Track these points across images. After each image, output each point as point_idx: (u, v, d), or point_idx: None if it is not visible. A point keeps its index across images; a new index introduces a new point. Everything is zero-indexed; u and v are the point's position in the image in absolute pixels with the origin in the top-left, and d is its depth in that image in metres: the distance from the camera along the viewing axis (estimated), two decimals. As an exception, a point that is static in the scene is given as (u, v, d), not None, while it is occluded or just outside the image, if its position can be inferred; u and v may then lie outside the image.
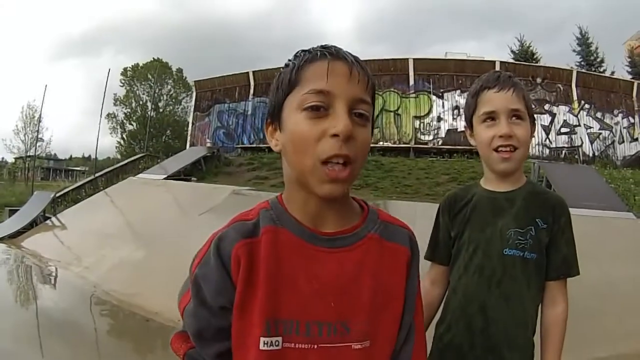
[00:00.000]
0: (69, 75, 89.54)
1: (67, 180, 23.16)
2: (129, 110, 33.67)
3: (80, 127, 74.86)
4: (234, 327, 0.91)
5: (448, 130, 15.27)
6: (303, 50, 0.96)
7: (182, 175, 12.30)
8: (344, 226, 0.96)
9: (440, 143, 15.15)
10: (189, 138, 18.98)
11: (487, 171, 1.59)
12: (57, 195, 11.55)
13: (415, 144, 15.34)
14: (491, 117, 1.50)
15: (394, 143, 15.54)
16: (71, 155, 53.74)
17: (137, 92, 33.94)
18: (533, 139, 1.60)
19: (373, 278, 0.95)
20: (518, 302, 1.47)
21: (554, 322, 1.49)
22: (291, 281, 0.91)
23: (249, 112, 17.51)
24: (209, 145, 17.18)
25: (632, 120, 15.61)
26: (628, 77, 19.95)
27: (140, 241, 6.88)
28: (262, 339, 0.87)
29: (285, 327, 0.89)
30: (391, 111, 15.76)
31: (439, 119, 15.41)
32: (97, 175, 13.59)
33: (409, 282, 1.01)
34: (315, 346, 0.89)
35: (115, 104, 33.09)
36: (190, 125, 19.36)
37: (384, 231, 1.00)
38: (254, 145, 16.53)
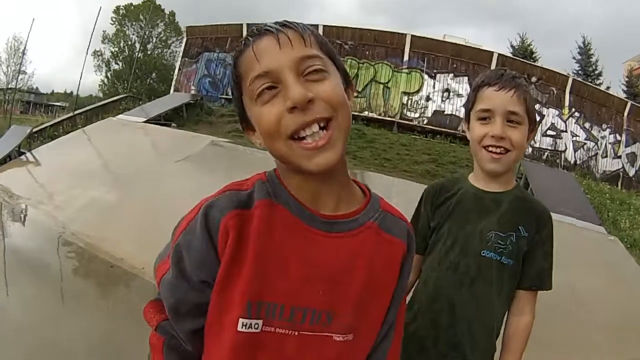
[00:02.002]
0: (59, 9, 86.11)
1: (47, 115, 22.58)
2: (116, 49, 32.61)
3: (66, 62, 73.07)
4: (212, 303, 0.86)
5: (435, 111, 15.21)
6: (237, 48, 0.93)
7: (163, 120, 12.12)
8: (343, 210, 0.92)
9: (425, 122, 15.09)
10: (173, 83, 18.64)
11: (477, 168, 1.56)
12: (34, 130, 11.25)
13: (400, 119, 15.25)
14: (487, 115, 1.46)
15: (380, 115, 15.43)
16: (53, 90, 52.30)
17: (127, 32, 32.86)
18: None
19: (366, 271, 0.91)
20: (487, 306, 1.47)
21: (517, 332, 1.50)
22: (281, 262, 0.86)
23: (238, 64, 17.17)
24: (193, 92, 16.86)
25: (619, 137, 15.77)
26: (622, 96, 20.07)
27: (113, 183, 6.80)
28: (241, 320, 0.83)
29: (268, 311, 0.85)
30: (381, 83, 15.63)
31: (428, 98, 15.32)
32: (76, 112, 13.27)
33: (400, 278, 0.98)
34: (296, 333, 0.86)
35: (103, 42, 32.13)
36: (176, 70, 18.96)
37: (383, 221, 0.96)
38: (239, 98, 16.30)
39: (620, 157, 15.74)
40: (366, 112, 15.39)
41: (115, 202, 6.19)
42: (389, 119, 15.25)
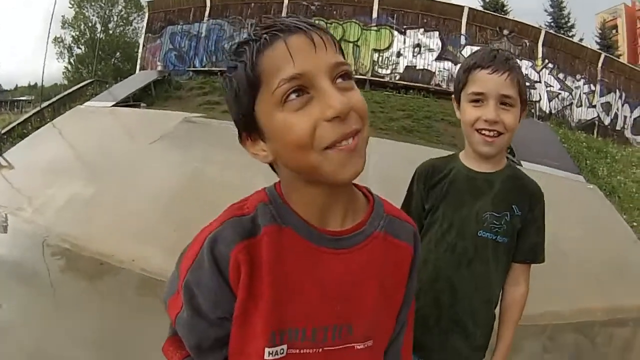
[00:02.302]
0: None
1: (13, 112, 21.73)
2: (77, 33, 31.19)
3: (27, 54, 70.96)
4: (233, 336, 0.85)
5: (407, 66, 15.07)
6: (243, 43, 0.80)
7: (132, 101, 11.84)
8: (350, 222, 0.89)
9: (397, 78, 14.99)
10: (139, 61, 18.15)
11: (468, 148, 1.56)
12: (3, 132, 10.68)
13: (372, 76, 15.10)
14: (480, 98, 1.44)
15: (351, 73, 15.29)
16: (17, 85, 50.19)
17: (87, 13, 31.34)
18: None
19: (378, 280, 0.91)
20: (486, 283, 1.53)
21: (514, 302, 1.58)
22: (297, 287, 0.85)
23: (203, 34, 16.71)
24: (159, 68, 16.47)
25: (593, 87, 15.85)
26: (596, 48, 20.15)
27: (90, 176, 6.64)
28: (267, 350, 0.83)
29: (290, 335, 0.85)
30: (351, 42, 15.36)
31: (399, 54, 15.14)
32: (43, 106, 12.73)
33: (409, 280, 0.99)
34: (320, 350, 0.87)
35: (63, 27, 30.66)
36: (141, 47, 18.47)
37: (389, 226, 0.94)
38: (206, 69, 15.97)
39: (595, 106, 15.84)
40: (337, 72, 15.18)
41: (95, 196, 6.05)
42: (361, 77, 15.00)
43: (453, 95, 1.58)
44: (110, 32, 31.17)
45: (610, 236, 6.36)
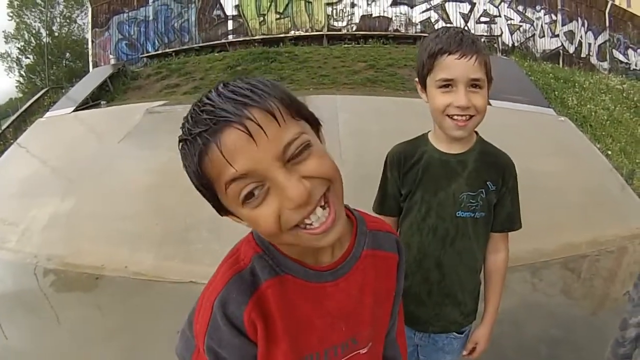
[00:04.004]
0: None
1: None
2: (22, 43, 30.35)
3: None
4: None
5: (362, 16, 14.88)
6: (181, 141, 0.77)
7: (91, 101, 11.46)
8: (339, 250, 0.95)
9: (354, 29, 14.81)
10: (90, 58, 17.60)
11: (438, 131, 1.57)
12: None
13: (328, 30, 14.87)
14: (449, 84, 1.44)
15: (306, 31, 15.04)
16: (-33, 112, 48.60)
17: (28, 21, 30.28)
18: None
19: (372, 293, 1.00)
20: (469, 256, 1.62)
21: (496, 268, 1.69)
22: (307, 323, 0.93)
23: (151, 18, 16.30)
24: (112, 61, 16.02)
25: (554, 17, 15.78)
26: None
27: (66, 189, 6.48)
28: None
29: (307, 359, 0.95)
30: (301, -1, 15.08)
31: (353, 4, 14.93)
32: (3, 128, 12.40)
33: (397, 282, 1.09)
34: None
35: (7, 42, 30.16)
36: (90, 43, 17.90)
37: (374, 242, 1.01)
38: (160, 52, 15.66)
39: (557, 35, 15.82)
40: (292, 32, 15.00)
41: (74, 208, 5.94)
42: (317, 33, 14.86)
43: (417, 79, 1.57)
44: (56, 34, 30.17)
45: (586, 167, 6.42)
